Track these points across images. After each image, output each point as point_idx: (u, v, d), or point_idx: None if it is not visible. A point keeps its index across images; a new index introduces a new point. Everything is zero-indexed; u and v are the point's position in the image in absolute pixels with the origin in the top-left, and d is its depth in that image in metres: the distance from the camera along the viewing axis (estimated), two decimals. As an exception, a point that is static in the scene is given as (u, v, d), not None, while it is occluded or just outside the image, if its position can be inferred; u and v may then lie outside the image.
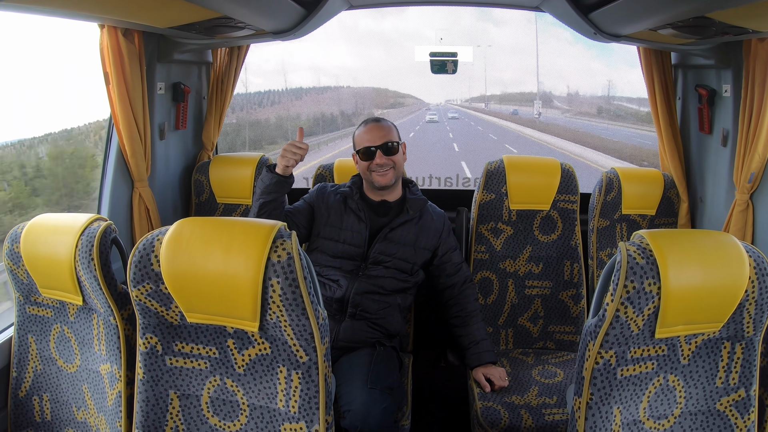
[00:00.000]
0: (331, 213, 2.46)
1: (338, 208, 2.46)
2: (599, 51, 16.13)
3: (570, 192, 2.77)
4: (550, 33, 16.29)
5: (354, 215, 2.44)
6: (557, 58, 17.93)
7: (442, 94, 21.75)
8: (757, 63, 2.41)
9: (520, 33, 18.13)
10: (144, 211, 2.81)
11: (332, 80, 19.34)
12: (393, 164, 2.42)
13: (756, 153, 2.47)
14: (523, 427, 2.20)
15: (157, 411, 1.63)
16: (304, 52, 17.46)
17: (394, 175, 2.44)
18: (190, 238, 1.50)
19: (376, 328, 2.37)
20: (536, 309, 2.80)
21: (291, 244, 1.46)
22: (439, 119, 20.71)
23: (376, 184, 2.43)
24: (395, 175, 2.44)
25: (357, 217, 2.43)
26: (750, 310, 1.51)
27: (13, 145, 3.60)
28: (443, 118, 20.92)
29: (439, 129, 19.12)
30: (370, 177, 2.43)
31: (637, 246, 1.47)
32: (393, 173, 2.43)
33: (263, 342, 1.55)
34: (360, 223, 2.42)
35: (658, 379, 1.55)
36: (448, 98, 21.86)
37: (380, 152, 2.40)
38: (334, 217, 2.45)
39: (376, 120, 2.49)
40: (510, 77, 20.60)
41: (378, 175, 2.41)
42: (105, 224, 1.78)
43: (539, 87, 18.35)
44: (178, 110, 3.03)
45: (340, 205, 2.46)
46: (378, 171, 2.41)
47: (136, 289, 1.55)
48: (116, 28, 2.49)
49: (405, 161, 2.54)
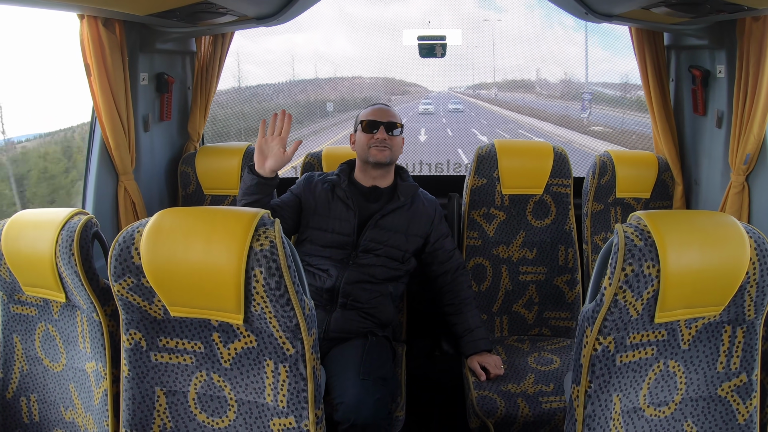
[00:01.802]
0: (318, 202, 2.43)
1: (326, 197, 2.43)
2: (601, 37, 16.07)
3: (563, 176, 2.74)
4: (554, 19, 16.22)
5: (342, 203, 2.40)
6: (562, 45, 17.84)
7: (446, 82, 20.80)
8: (751, 42, 2.39)
9: (522, 20, 18.01)
10: (130, 205, 2.78)
11: (346, 71, 19.20)
12: (392, 146, 2.42)
13: (751, 134, 2.46)
14: (519, 415, 2.17)
15: (144, 409, 1.60)
16: (309, 44, 17.60)
17: (390, 156, 2.42)
18: (170, 229, 1.46)
19: (368, 318, 2.34)
20: (531, 295, 2.78)
21: (274, 232, 1.42)
22: (436, 110, 18.54)
23: (372, 159, 2.41)
24: (391, 156, 2.43)
25: (345, 204, 2.40)
26: (751, 293, 1.48)
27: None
28: (442, 109, 18.91)
29: (434, 125, 16.57)
30: (368, 152, 2.42)
31: (635, 228, 1.42)
32: (389, 153, 2.42)
33: (249, 335, 1.51)
34: (348, 211, 2.39)
35: (658, 365, 1.52)
36: (451, 86, 20.86)
37: (383, 128, 2.41)
38: (321, 207, 2.42)
39: (384, 104, 2.53)
40: (513, 64, 20.10)
41: (376, 149, 2.40)
42: (85, 218, 1.74)
43: (537, 74, 18.09)
44: (162, 101, 2.99)
45: (328, 194, 2.43)
46: (377, 146, 2.40)
47: (117, 283, 1.51)
48: (96, 18, 2.45)
49: (401, 152, 2.53)
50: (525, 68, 18.72)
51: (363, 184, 2.46)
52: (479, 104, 19.69)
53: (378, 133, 2.40)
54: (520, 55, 19.65)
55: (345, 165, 2.52)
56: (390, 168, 2.48)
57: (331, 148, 2.96)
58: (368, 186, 2.46)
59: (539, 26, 16.91)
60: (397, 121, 2.45)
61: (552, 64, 17.56)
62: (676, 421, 1.56)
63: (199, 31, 2.90)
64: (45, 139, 4.21)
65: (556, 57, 17.37)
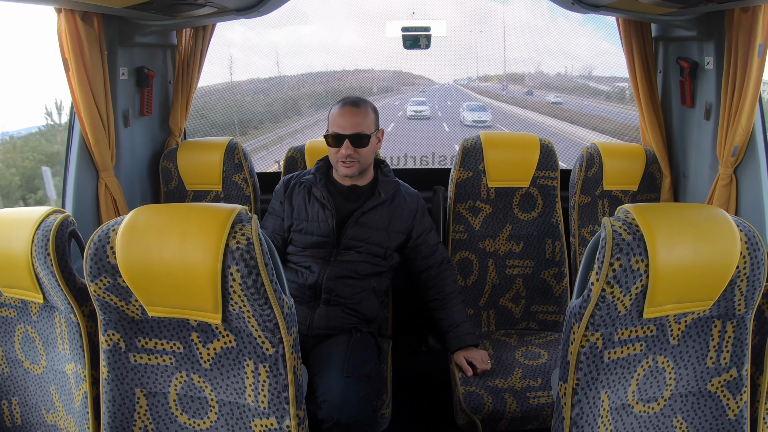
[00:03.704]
0: (296, 207, 2.39)
1: (303, 200, 2.38)
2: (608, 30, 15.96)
3: (550, 168, 2.72)
4: (560, 11, 16.10)
5: (318, 204, 2.36)
6: (569, 37, 17.73)
7: (452, 75, 20.11)
8: (740, 34, 2.38)
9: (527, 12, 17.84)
10: (111, 202, 2.74)
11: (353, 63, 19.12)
12: (360, 158, 2.31)
13: (739, 126, 2.45)
14: (507, 411, 2.16)
15: (125, 411, 1.58)
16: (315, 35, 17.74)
17: (359, 168, 2.33)
18: (145, 227, 1.43)
19: (352, 314, 2.32)
20: (518, 289, 2.76)
21: (251, 229, 1.40)
22: (433, 113, 14.92)
23: (341, 173, 2.35)
24: (360, 167, 2.34)
25: (321, 205, 2.35)
26: (741, 287, 1.46)
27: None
28: (440, 108, 15.79)
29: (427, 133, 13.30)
30: (337, 165, 2.35)
31: (623, 221, 1.40)
32: (358, 166, 2.32)
33: (228, 334, 1.49)
34: (325, 212, 2.34)
35: (647, 361, 1.50)
36: (456, 77, 19.41)
37: (348, 142, 2.28)
38: (300, 211, 2.38)
39: (354, 103, 2.34)
40: (519, 56, 19.75)
41: (343, 165, 2.31)
42: (61, 217, 1.70)
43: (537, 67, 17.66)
44: (142, 96, 2.95)
45: (305, 196, 2.38)
46: (343, 161, 2.31)
47: (93, 283, 1.48)
48: (74, 12, 2.42)
49: (379, 148, 2.47)
50: (530, 60, 18.54)
51: (341, 183, 2.41)
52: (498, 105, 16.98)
53: (343, 148, 2.29)
54: (524, 46, 19.36)
55: (322, 162, 2.46)
56: (365, 171, 2.40)
57: (314, 142, 2.94)
58: (347, 185, 2.40)
59: (545, 18, 16.85)
60: (364, 129, 2.30)
61: (554, 56, 17.48)
62: (665, 417, 1.55)
63: (178, 24, 2.86)
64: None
65: (561, 50, 17.28)
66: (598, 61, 15.63)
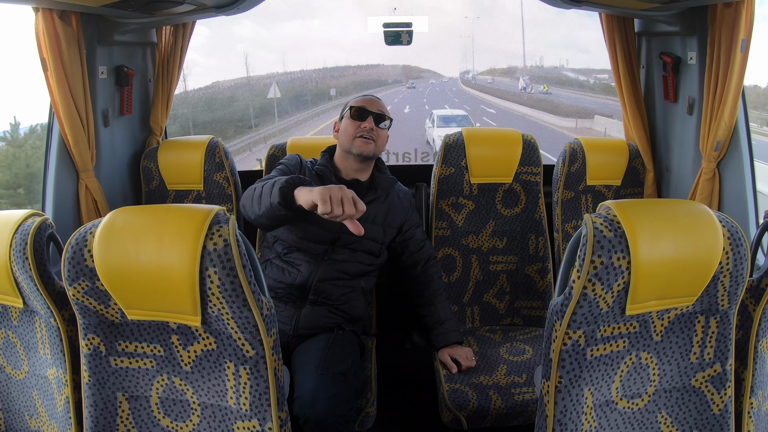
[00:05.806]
0: None
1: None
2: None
3: (533, 164, 2.72)
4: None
5: None
6: (578, 30, 17.70)
7: (458, 69, 20.04)
8: (722, 29, 2.39)
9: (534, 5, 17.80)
10: (92, 203, 2.71)
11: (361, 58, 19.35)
12: (377, 138, 2.36)
13: (722, 120, 2.46)
14: (492, 408, 2.16)
15: (107, 415, 1.56)
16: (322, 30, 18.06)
17: (374, 150, 2.36)
18: (122, 230, 1.41)
19: (338, 313, 2.31)
20: (502, 285, 2.76)
21: (228, 230, 1.38)
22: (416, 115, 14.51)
23: (355, 150, 2.33)
24: (375, 150, 2.36)
25: None
26: (725, 283, 1.46)
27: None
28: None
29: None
30: (352, 143, 2.34)
31: (604, 218, 1.39)
32: (374, 147, 2.36)
33: (208, 337, 1.48)
34: None
35: (630, 358, 1.50)
36: (463, 70, 19.78)
37: (372, 118, 2.34)
38: None
39: (375, 96, 2.47)
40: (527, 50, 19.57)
41: (361, 140, 2.33)
42: (39, 220, 1.67)
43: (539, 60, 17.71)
44: (122, 95, 2.92)
45: (317, 183, 2.33)
46: (363, 136, 2.33)
47: (72, 287, 1.46)
48: (52, 10, 2.39)
49: (384, 150, 2.49)
50: (533, 54, 18.51)
51: (344, 176, 2.41)
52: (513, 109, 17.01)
53: (366, 122, 2.34)
54: (530, 40, 19.30)
55: (327, 154, 2.46)
56: (371, 162, 2.42)
57: (296, 139, 2.91)
58: (349, 179, 2.40)
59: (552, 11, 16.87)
60: (386, 113, 2.40)
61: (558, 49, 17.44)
62: (649, 412, 1.55)
63: (158, 22, 2.83)
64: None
65: (569, 43, 17.22)
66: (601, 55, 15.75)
